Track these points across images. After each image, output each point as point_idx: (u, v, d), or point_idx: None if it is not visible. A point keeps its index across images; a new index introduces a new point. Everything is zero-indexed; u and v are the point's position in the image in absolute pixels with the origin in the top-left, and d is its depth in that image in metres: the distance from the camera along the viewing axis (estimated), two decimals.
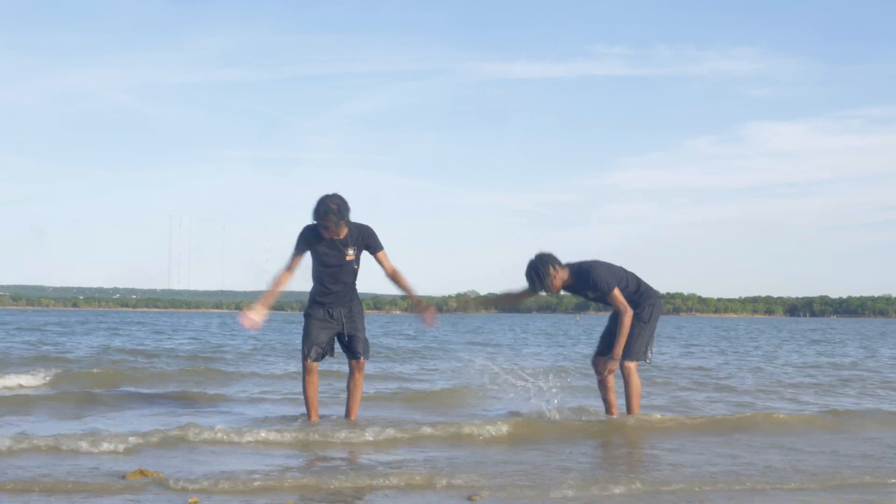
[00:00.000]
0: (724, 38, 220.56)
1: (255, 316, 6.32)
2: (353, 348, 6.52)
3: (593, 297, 6.72)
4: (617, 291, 6.64)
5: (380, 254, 6.49)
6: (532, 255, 6.69)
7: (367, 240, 6.45)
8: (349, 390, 6.58)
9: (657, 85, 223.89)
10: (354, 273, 6.51)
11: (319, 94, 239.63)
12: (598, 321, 61.25)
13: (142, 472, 4.68)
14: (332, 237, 6.34)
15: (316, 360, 6.52)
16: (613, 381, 6.90)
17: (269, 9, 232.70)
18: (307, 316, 6.52)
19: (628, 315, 6.58)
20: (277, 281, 6.41)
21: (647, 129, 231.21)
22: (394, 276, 6.51)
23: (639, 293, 6.77)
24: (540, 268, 6.65)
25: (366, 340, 6.58)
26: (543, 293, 6.74)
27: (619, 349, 6.59)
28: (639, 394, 6.79)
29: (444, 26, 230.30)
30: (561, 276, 6.68)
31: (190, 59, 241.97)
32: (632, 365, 6.68)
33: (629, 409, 6.78)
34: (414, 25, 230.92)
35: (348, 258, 6.43)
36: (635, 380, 6.72)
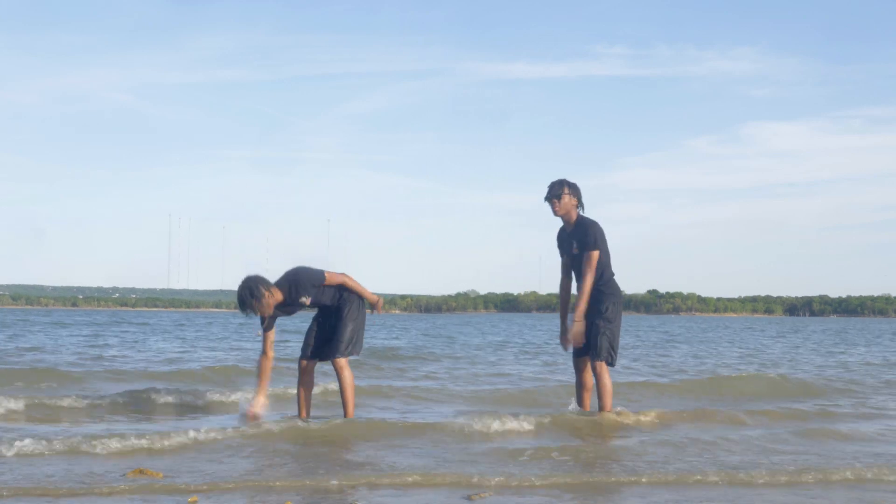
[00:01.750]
0: (723, 39, 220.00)
1: (258, 409, 6.39)
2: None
3: (577, 251, 6.67)
4: (596, 254, 6.59)
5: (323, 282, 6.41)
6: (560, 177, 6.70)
7: (298, 289, 6.35)
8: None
9: (657, 85, 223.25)
10: (328, 299, 6.46)
11: (319, 94, 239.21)
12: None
13: (141, 472, 4.70)
14: (269, 313, 6.30)
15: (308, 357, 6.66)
16: (591, 381, 6.85)
17: (269, 9, 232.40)
18: None
19: (592, 279, 6.56)
20: (262, 369, 6.44)
21: (647, 129, 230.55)
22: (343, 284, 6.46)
23: (606, 284, 6.69)
24: (559, 186, 6.65)
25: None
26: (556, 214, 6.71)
27: (581, 310, 6.56)
28: (610, 393, 6.68)
29: (443, 26, 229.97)
30: (570, 202, 6.67)
31: (190, 59, 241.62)
32: (601, 364, 6.61)
33: (601, 408, 6.68)
34: (414, 25, 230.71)
35: (307, 303, 6.43)
36: (606, 380, 6.64)
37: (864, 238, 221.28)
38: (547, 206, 6.74)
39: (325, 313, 6.60)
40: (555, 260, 7.09)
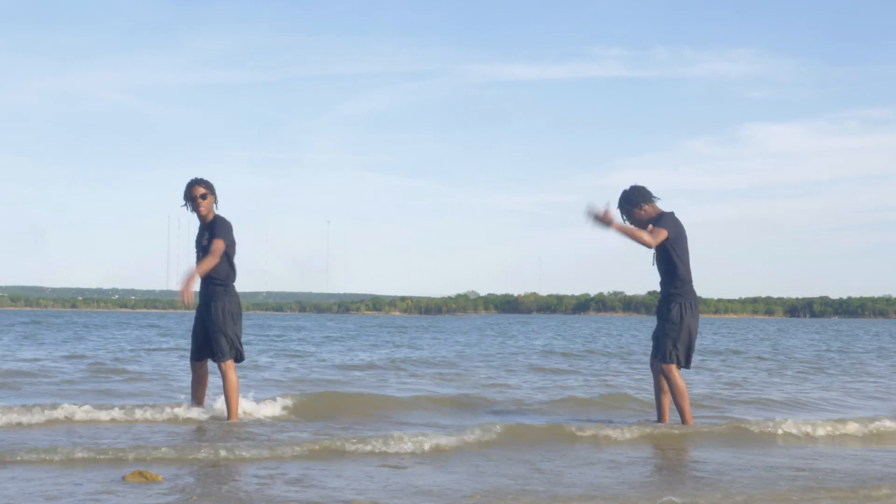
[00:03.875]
0: (721, 40, 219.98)
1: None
2: (211, 349, 6.52)
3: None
4: (665, 232, 6.47)
5: (214, 241, 6.40)
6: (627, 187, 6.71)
7: (216, 225, 6.41)
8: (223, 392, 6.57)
9: (655, 86, 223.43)
10: (210, 276, 6.42)
11: (318, 94, 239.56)
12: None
13: (141, 474, 4.68)
14: (200, 213, 6.45)
15: (194, 359, 6.58)
16: (665, 384, 6.70)
17: (268, 10, 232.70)
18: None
19: (649, 239, 6.42)
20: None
21: (646, 130, 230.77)
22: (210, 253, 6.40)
23: (678, 286, 6.59)
24: (631, 196, 6.63)
25: (227, 342, 6.41)
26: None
27: (623, 230, 6.39)
28: (683, 394, 6.57)
29: (442, 28, 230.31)
30: (648, 211, 6.64)
31: (189, 59, 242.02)
32: (668, 367, 6.52)
33: (679, 411, 6.62)
34: (413, 27, 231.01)
35: (204, 242, 6.47)
36: (676, 380, 6.52)
37: (864, 238, 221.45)
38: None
39: (201, 304, 6.55)
40: (553, 261, 7.15)
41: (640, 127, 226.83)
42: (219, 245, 6.39)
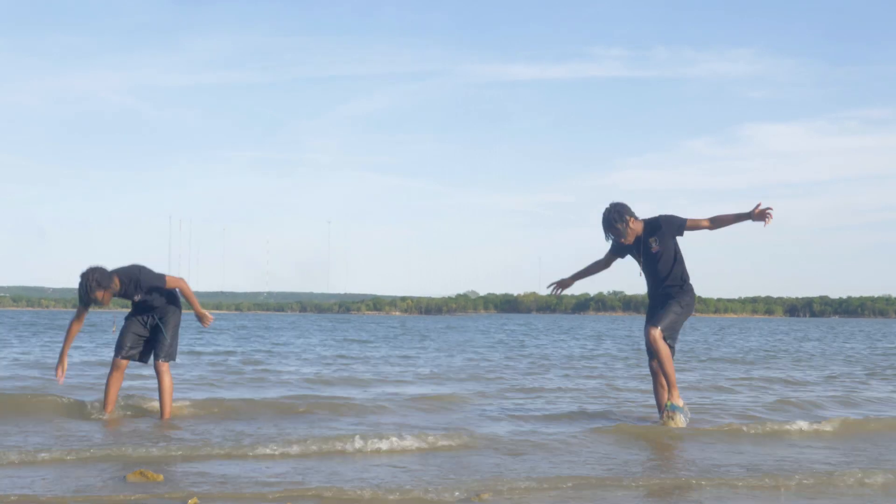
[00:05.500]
0: (721, 40, 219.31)
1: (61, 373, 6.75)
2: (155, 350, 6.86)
3: (658, 248, 6.78)
4: (689, 219, 6.82)
5: (168, 278, 6.76)
6: (607, 204, 6.84)
7: (141, 281, 6.70)
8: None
9: (655, 86, 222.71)
10: (156, 301, 6.82)
11: (319, 95, 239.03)
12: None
13: (142, 474, 4.77)
14: (108, 300, 6.75)
15: (126, 357, 6.87)
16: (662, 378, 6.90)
17: (268, 10, 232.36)
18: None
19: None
20: (69, 333, 6.86)
21: (646, 130, 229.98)
22: (181, 292, 6.90)
23: (685, 278, 6.89)
24: (614, 214, 6.77)
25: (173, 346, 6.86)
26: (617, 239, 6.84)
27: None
28: (668, 359, 6.70)
29: (443, 28, 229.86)
30: (634, 226, 6.80)
31: (190, 60, 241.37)
32: (656, 332, 6.70)
33: (665, 375, 6.74)
34: (413, 27, 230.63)
35: (136, 298, 6.77)
36: (663, 347, 6.69)
37: (864, 238, 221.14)
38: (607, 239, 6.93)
39: (141, 311, 6.85)
40: (553, 261, 7.25)
41: (640, 127, 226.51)
42: (173, 279, 6.81)
